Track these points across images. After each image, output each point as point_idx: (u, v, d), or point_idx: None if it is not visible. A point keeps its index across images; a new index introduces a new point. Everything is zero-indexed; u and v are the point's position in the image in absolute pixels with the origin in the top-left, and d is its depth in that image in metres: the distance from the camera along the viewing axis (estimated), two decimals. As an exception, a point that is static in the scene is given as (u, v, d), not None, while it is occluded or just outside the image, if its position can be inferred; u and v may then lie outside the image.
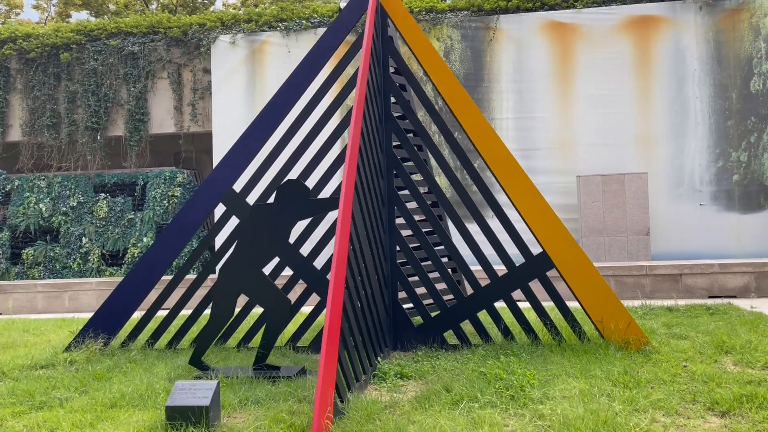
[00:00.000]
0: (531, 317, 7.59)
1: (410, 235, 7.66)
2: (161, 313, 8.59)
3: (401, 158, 7.73)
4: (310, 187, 6.73)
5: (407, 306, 7.97)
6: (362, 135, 6.33)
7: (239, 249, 6.29)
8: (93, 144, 16.16)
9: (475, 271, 7.51)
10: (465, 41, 14.59)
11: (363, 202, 6.21)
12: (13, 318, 11.84)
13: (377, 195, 6.97)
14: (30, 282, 14.22)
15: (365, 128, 6.52)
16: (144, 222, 15.53)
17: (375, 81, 7.27)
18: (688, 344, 6.77)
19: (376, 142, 7.13)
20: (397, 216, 7.48)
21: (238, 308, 7.60)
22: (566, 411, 4.54)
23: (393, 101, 7.78)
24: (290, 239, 6.84)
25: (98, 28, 16.48)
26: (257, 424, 4.68)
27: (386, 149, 7.50)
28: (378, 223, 6.89)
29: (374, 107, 7.13)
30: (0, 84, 16.55)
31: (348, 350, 5.28)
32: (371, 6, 7.41)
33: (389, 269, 7.34)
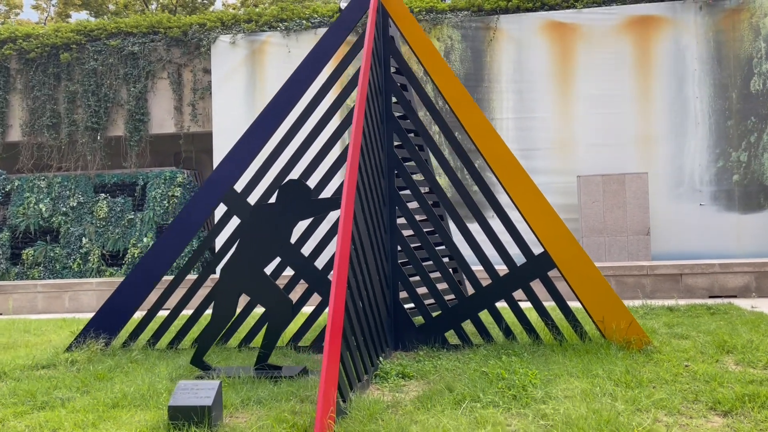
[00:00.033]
0: (532, 317, 7.60)
1: (411, 235, 7.66)
2: (162, 313, 8.60)
3: (402, 158, 7.73)
4: (311, 187, 6.73)
5: (408, 306, 7.97)
6: (364, 135, 6.33)
7: (240, 249, 6.28)
8: (93, 144, 16.15)
9: (476, 271, 7.51)
10: (465, 41, 14.60)
11: (364, 202, 6.21)
12: (14, 318, 11.83)
13: (378, 195, 6.97)
14: (30, 282, 14.21)
15: (367, 128, 6.53)
16: (144, 222, 15.52)
17: (376, 81, 7.27)
18: (690, 344, 6.78)
19: (378, 142, 7.13)
20: (399, 216, 7.48)
21: (240, 308, 7.60)
22: (569, 410, 4.55)
23: (394, 101, 7.78)
24: (291, 239, 6.83)
25: (98, 28, 16.47)
26: (260, 424, 4.68)
27: (387, 149, 7.50)
28: (379, 223, 6.89)
29: (375, 107, 7.13)
30: (0, 84, 16.55)
31: (350, 350, 5.28)
32: (372, 6, 7.41)
33: (390, 269, 7.34)
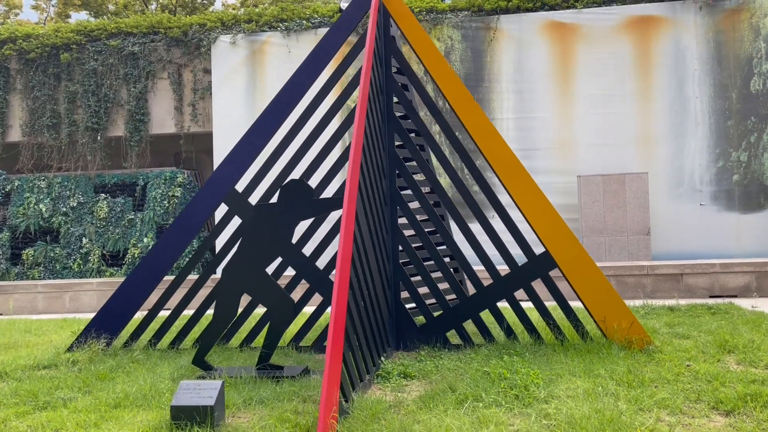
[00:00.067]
0: (533, 317, 7.60)
1: (413, 235, 7.66)
2: (163, 314, 8.60)
3: (403, 158, 7.73)
4: (312, 188, 6.72)
5: (410, 306, 7.97)
6: (365, 135, 6.34)
7: (242, 249, 6.28)
8: (93, 144, 16.15)
9: (478, 271, 7.51)
10: (465, 41, 14.60)
11: (366, 202, 6.21)
12: (14, 318, 11.83)
13: (380, 195, 6.97)
14: (30, 282, 14.20)
15: (368, 128, 6.53)
16: (144, 222, 15.52)
17: (378, 81, 7.27)
18: (691, 344, 6.78)
19: (379, 142, 7.13)
20: (400, 216, 7.48)
21: (241, 308, 7.60)
22: (572, 410, 4.55)
23: (395, 101, 7.78)
24: (293, 239, 6.83)
25: (98, 29, 16.47)
26: (262, 424, 4.68)
27: (389, 149, 7.50)
28: (381, 223, 6.89)
29: (377, 107, 7.14)
30: (0, 84, 16.54)
31: (352, 350, 5.28)
32: (374, 6, 7.41)
33: (392, 269, 7.34)
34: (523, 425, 4.44)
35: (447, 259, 8.61)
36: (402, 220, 7.63)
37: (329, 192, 9.74)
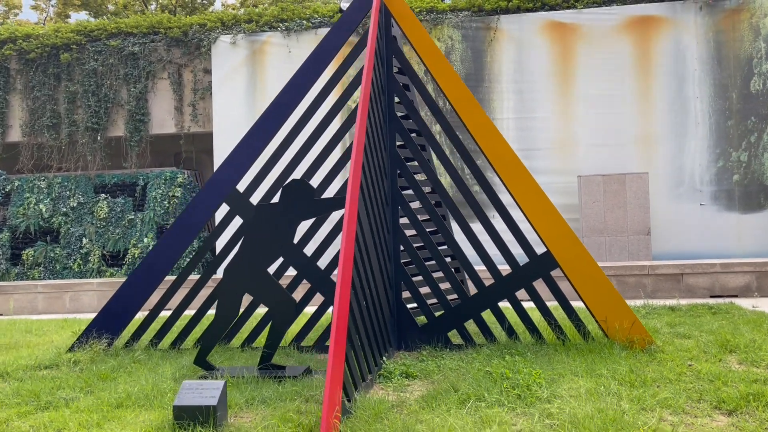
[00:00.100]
0: (535, 317, 7.60)
1: (414, 235, 7.66)
2: (164, 314, 8.60)
3: (405, 158, 7.73)
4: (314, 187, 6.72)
5: (411, 306, 7.98)
6: (367, 135, 6.33)
7: (244, 249, 6.28)
8: (93, 144, 16.14)
9: (479, 271, 7.51)
10: (466, 41, 14.61)
11: (368, 202, 6.21)
12: (14, 318, 11.82)
13: (381, 195, 6.97)
14: (31, 282, 14.19)
15: (370, 128, 6.52)
16: (144, 222, 15.52)
17: (379, 81, 7.27)
18: (692, 343, 6.78)
19: (381, 142, 7.13)
20: (401, 216, 7.48)
21: (243, 308, 7.60)
22: (575, 410, 4.55)
23: (396, 101, 7.78)
24: (294, 239, 6.83)
25: (98, 29, 16.47)
26: (265, 424, 4.68)
27: (390, 149, 7.50)
28: (382, 223, 6.89)
29: (378, 107, 7.14)
30: (0, 84, 16.53)
31: (355, 350, 5.28)
32: (375, 5, 7.41)
33: (393, 269, 7.34)
34: (527, 425, 4.44)
35: (448, 259, 8.61)
36: (403, 220, 7.64)
37: (330, 192, 9.74)
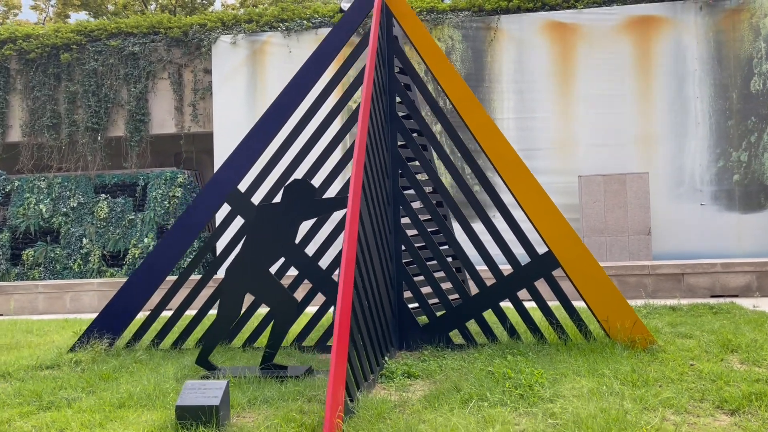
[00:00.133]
0: (536, 316, 7.60)
1: (415, 235, 7.67)
2: (165, 314, 8.59)
3: (406, 158, 7.73)
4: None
5: (413, 306, 7.98)
6: (369, 135, 6.33)
7: (245, 249, 6.28)
8: (93, 144, 16.14)
9: (481, 271, 7.51)
10: (466, 41, 14.61)
11: (370, 202, 6.21)
12: (15, 319, 11.81)
13: (383, 195, 6.97)
14: (31, 283, 14.18)
15: (372, 128, 6.52)
16: (145, 223, 15.51)
17: (381, 81, 7.27)
18: (694, 343, 6.79)
19: (382, 142, 7.13)
20: (403, 216, 7.48)
21: (245, 308, 7.59)
22: (577, 409, 4.55)
23: (398, 101, 7.78)
24: (296, 239, 6.83)
25: (98, 29, 16.46)
26: (268, 424, 4.68)
27: (392, 149, 7.50)
28: (384, 223, 6.89)
29: (380, 107, 7.14)
30: (0, 84, 16.52)
31: (357, 350, 5.28)
32: (377, 5, 7.41)
33: (395, 269, 7.34)
34: (530, 424, 4.44)
35: (449, 259, 8.61)
36: (405, 220, 7.64)
37: (331, 193, 9.73)
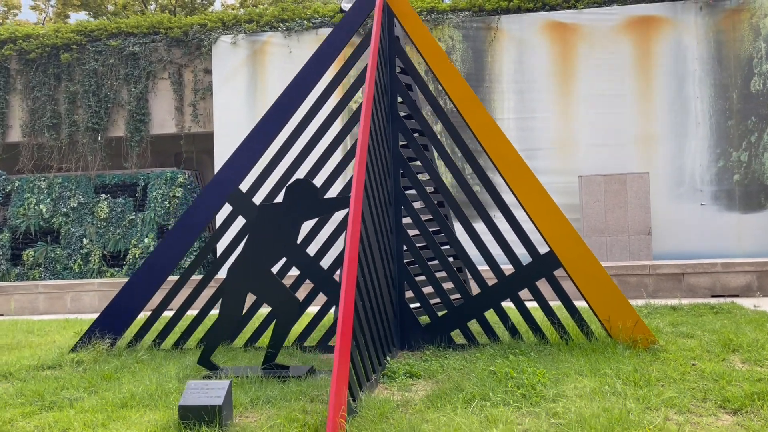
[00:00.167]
0: (538, 316, 7.60)
1: (417, 235, 7.67)
2: (167, 314, 8.59)
3: (407, 158, 7.73)
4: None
5: (414, 305, 7.98)
6: (371, 135, 6.33)
7: (247, 249, 6.28)
8: (93, 145, 16.13)
9: (482, 271, 7.51)
10: (466, 41, 14.61)
11: (372, 202, 6.21)
12: (16, 319, 11.80)
13: (385, 195, 6.97)
14: (31, 283, 14.18)
15: (373, 128, 6.53)
16: (145, 223, 15.51)
17: (382, 81, 7.27)
18: (695, 343, 6.79)
19: (384, 142, 7.13)
20: (404, 216, 7.48)
21: (246, 308, 7.59)
22: (581, 409, 4.55)
23: (399, 101, 7.78)
24: (298, 239, 6.83)
25: (99, 29, 16.46)
26: (270, 423, 4.68)
27: (393, 149, 7.51)
28: (385, 223, 6.89)
29: (382, 107, 7.14)
30: (0, 84, 16.51)
31: (359, 349, 5.29)
32: (378, 5, 7.41)
33: (396, 269, 7.34)
34: (533, 424, 4.44)
35: (451, 259, 8.61)
36: (406, 220, 7.64)
37: (332, 193, 9.73)
